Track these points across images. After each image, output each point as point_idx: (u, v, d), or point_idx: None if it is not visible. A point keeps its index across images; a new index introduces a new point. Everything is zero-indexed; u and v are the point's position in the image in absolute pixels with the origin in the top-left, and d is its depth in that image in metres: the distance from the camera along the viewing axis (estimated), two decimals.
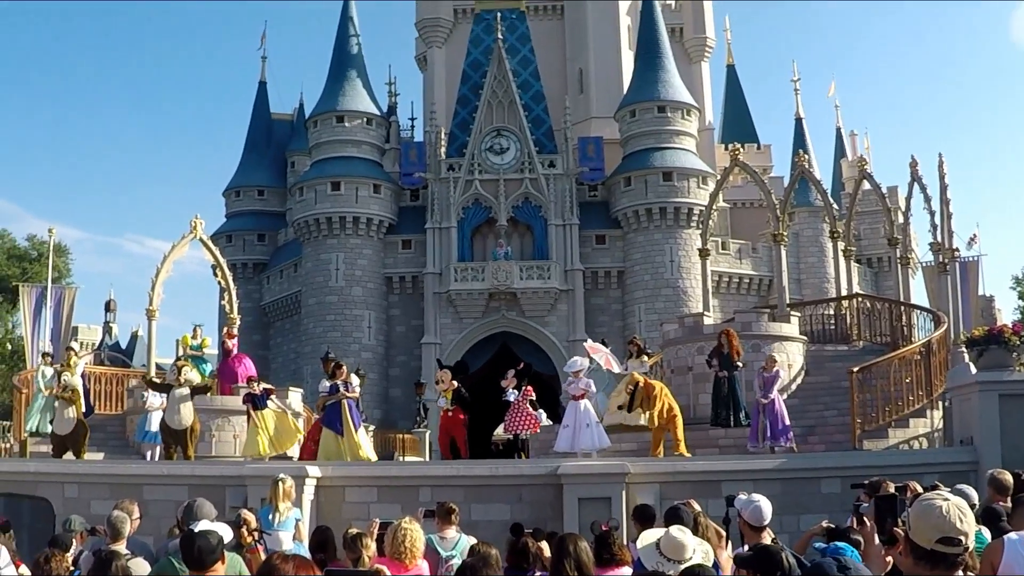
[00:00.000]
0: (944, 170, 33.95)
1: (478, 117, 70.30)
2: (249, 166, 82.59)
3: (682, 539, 8.50)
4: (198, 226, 36.37)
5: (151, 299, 35.44)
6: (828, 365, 31.95)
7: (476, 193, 69.18)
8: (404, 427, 55.11)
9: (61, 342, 41.60)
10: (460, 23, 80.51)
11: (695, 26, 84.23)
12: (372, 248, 70.46)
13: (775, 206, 36.42)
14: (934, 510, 5.53)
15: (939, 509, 5.52)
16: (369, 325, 69.46)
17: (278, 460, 25.88)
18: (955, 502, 5.58)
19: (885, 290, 64.70)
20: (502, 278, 66.97)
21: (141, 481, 22.48)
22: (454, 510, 13.50)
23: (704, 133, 77.56)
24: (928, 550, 5.51)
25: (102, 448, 31.21)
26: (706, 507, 12.77)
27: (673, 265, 68.38)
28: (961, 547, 5.50)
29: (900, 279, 38.60)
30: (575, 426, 24.13)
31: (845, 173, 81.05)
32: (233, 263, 64.29)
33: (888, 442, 25.62)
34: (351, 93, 72.15)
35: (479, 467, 23.30)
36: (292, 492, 16.63)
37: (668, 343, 32.68)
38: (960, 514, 5.52)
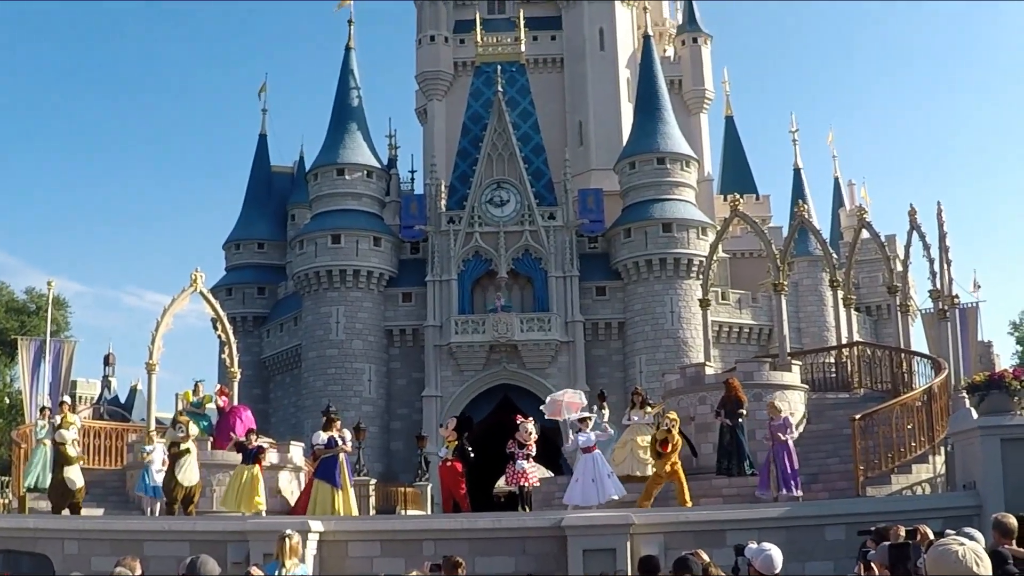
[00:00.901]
0: (943, 218, 34.00)
1: (478, 169, 70.38)
2: (249, 219, 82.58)
3: None
4: (198, 279, 36.35)
5: (151, 352, 35.36)
6: (830, 413, 31.91)
7: (476, 245, 69.21)
8: (405, 480, 54.88)
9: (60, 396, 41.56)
10: (460, 76, 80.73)
11: (694, 78, 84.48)
12: (372, 301, 70.44)
13: (775, 256, 36.49)
14: (951, 555, 5.53)
15: (956, 554, 5.52)
16: (370, 378, 69.34)
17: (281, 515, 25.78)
18: (971, 547, 5.59)
19: (885, 338, 64.65)
20: (503, 330, 66.93)
21: (142, 537, 22.38)
22: (460, 563, 13.47)
23: (703, 184, 77.74)
24: None
25: (102, 503, 31.10)
26: (711, 557, 12.72)
27: (674, 316, 68.37)
28: None
29: (900, 326, 38.61)
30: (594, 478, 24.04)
31: (844, 222, 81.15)
32: (233, 316, 64.24)
33: (891, 488, 25.61)
34: (351, 145, 72.28)
35: (483, 520, 23.23)
36: (299, 548, 16.59)
37: (670, 393, 32.60)
38: (976, 558, 5.52)
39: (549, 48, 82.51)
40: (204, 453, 30.21)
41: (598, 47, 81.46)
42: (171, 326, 36.18)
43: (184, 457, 27.21)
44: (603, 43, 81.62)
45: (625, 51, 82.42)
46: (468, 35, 78.90)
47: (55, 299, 60.32)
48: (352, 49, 76.68)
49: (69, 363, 45.20)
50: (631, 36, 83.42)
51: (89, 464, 31.56)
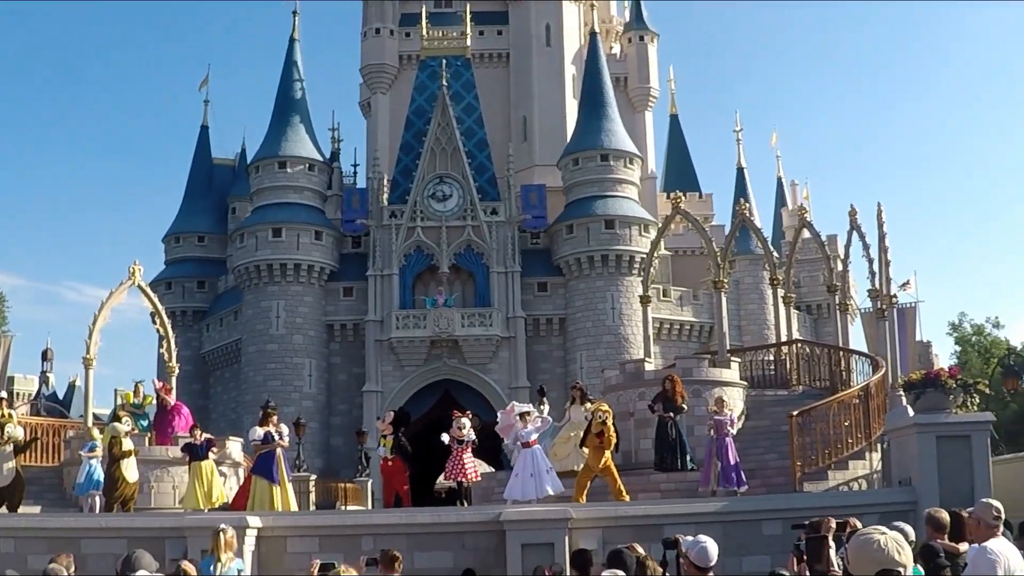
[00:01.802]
0: (882, 218, 34.14)
1: (421, 164, 70.27)
2: (190, 212, 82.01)
3: None
4: (136, 273, 36.12)
5: (88, 347, 35.14)
6: (768, 410, 32.10)
7: (418, 240, 69.17)
8: (346, 476, 54.73)
9: None
10: (405, 69, 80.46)
11: (639, 76, 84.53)
12: (313, 295, 70.28)
13: (716, 254, 36.65)
14: (872, 543, 5.58)
15: (878, 543, 5.57)
16: (310, 373, 69.19)
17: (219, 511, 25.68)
18: (892, 535, 5.63)
19: (824, 336, 65.07)
20: (444, 325, 66.93)
21: (79, 535, 22.17)
22: (397, 558, 13.48)
23: (646, 182, 77.99)
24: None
25: (38, 501, 30.80)
26: (649, 551, 12.78)
27: (615, 312, 68.56)
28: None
29: (839, 325, 38.81)
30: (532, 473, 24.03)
31: (785, 222, 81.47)
32: (172, 310, 64.20)
33: (828, 484, 25.77)
34: (294, 138, 72.04)
35: (421, 515, 23.19)
36: (234, 542, 16.54)
37: (609, 389, 32.68)
38: (898, 547, 5.57)
39: (495, 43, 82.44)
40: (144, 450, 30.10)
41: (544, 43, 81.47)
42: (109, 320, 35.96)
43: (127, 456, 27.14)
44: (549, 39, 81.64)
45: (571, 48, 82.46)
46: (414, 29, 78.65)
47: None
48: (296, 41, 76.47)
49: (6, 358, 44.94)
50: (577, 33, 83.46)
51: (26, 461, 31.23)
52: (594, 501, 24.15)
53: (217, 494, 27.19)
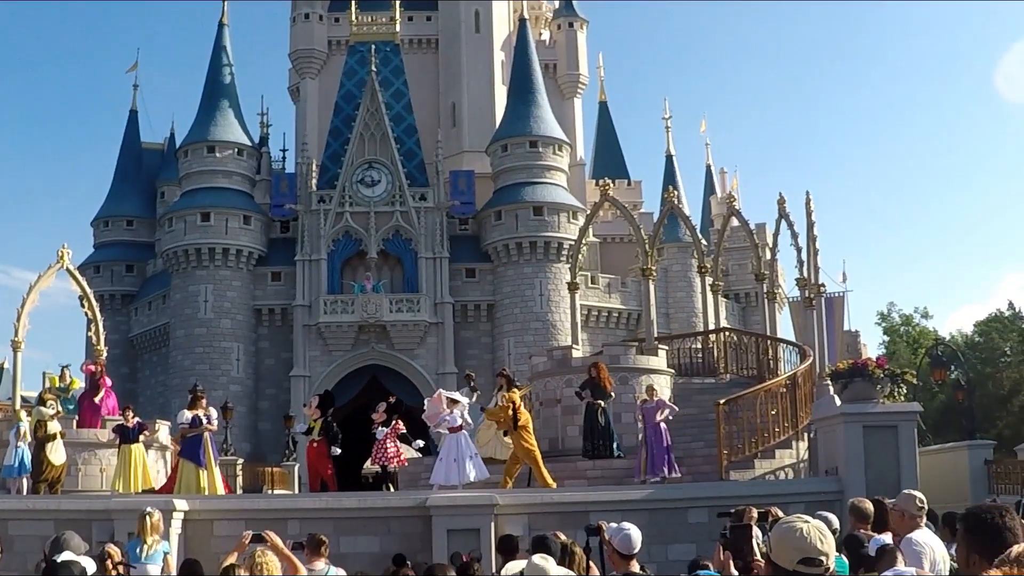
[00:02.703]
0: (811, 207, 34.40)
1: (350, 149, 70.12)
2: (118, 195, 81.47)
3: (545, 567, 8.51)
4: (65, 256, 35.92)
5: (16, 330, 34.93)
6: (695, 398, 32.22)
7: (347, 225, 69.03)
8: (273, 460, 54.74)
9: None
10: (334, 55, 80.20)
11: (568, 62, 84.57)
12: (241, 280, 70.04)
13: (644, 241, 36.81)
14: (794, 532, 5.63)
15: (800, 531, 5.62)
16: (238, 358, 68.97)
17: (146, 494, 25.62)
18: (815, 524, 5.69)
19: (752, 324, 65.35)
20: (372, 311, 66.84)
21: (5, 516, 22.20)
22: (324, 542, 13.47)
23: (575, 168, 78.00)
24: (790, 571, 5.60)
25: None
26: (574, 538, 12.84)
27: (543, 299, 68.68)
28: (823, 567, 5.60)
29: (767, 314, 39.13)
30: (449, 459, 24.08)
31: (714, 210, 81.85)
32: (101, 294, 63.70)
33: (755, 472, 25.96)
34: (223, 123, 71.70)
35: (348, 499, 23.29)
36: (160, 525, 16.52)
37: (537, 376, 32.78)
38: (820, 536, 5.62)
39: (424, 29, 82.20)
40: (71, 433, 29.97)
41: (474, 29, 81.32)
42: (37, 303, 35.76)
43: (52, 440, 27.08)
44: (479, 25, 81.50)
45: (501, 34, 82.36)
46: (343, 14, 78.42)
47: None
48: (225, 25, 76.03)
49: None
50: (507, 19, 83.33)
51: None
52: (520, 488, 24.26)
53: (146, 479, 27.14)
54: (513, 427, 24.44)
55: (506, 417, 24.49)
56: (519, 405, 24.82)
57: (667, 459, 25.22)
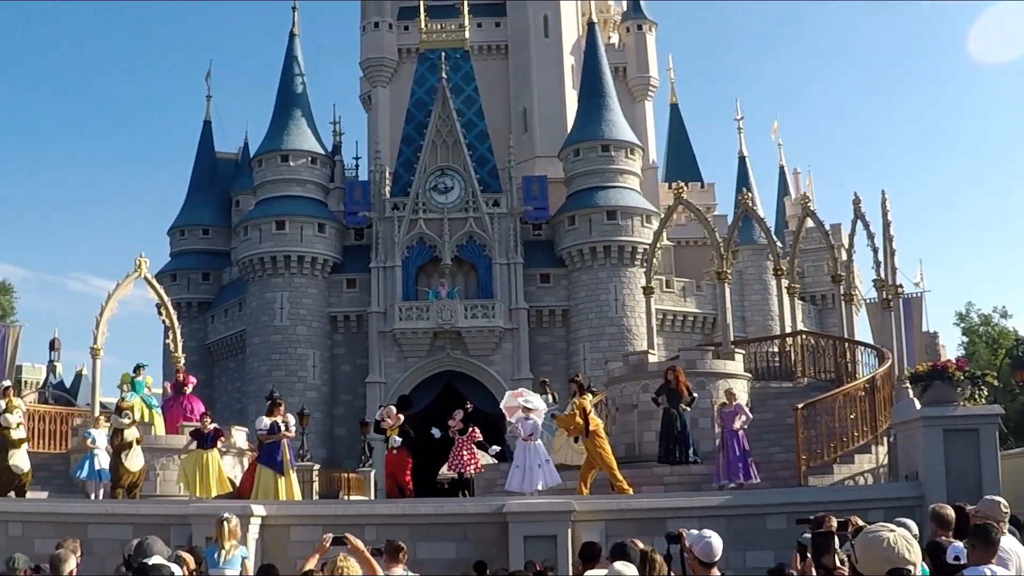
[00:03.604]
0: (887, 207, 34.02)
1: (422, 156, 70.28)
2: (194, 205, 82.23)
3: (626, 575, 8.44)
4: (142, 265, 36.23)
5: (95, 337, 35.24)
6: (773, 402, 31.96)
7: (420, 232, 69.15)
8: (349, 466, 54.80)
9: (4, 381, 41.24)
10: (404, 62, 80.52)
11: (639, 66, 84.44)
12: (316, 287, 70.33)
13: (719, 244, 36.55)
14: (881, 542, 5.54)
15: (886, 540, 5.53)
16: (314, 364, 69.26)
17: (223, 499, 25.74)
18: (901, 533, 5.60)
19: (829, 327, 64.99)
20: (447, 317, 66.93)
21: (85, 520, 22.39)
22: (402, 548, 13.43)
23: (648, 172, 77.80)
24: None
25: (46, 487, 31.01)
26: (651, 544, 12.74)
27: (617, 303, 68.51)
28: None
29: (844, 316, 38.72)
30: (526, 466, 24.04)
31: (788, 211, 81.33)
32: (178, 302, 64.17)
33: (833, 478, 25.67)
34: (296, 132, 72.09)
35: (425, 505, 23.24)
36: (238, 531, 16.57)
37: (613, 381, 32.66)
38: (907, 545, 5.54)
39: (493, 35, 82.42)
40: (148, 438, 30.18)
41: (542, 34, 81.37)
42: (116, 311, 36.08)
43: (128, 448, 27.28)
44: (547, 30, 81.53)
45: (569, 38, 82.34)
46: (412, 22, 78.64)
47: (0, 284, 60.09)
48: (296, 35, 76.49)
49: (14, 348, 44.78)
50: (576, 23, 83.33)
51: (34, 448, 31.39)
52: (598, 494, 24.15)
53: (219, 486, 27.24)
54: (584, 434, 24.35)
55: (576, 424, 24.41)
56: (590, 411, 24.72)
57: (743, 465, 24.98)
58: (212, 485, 27.08)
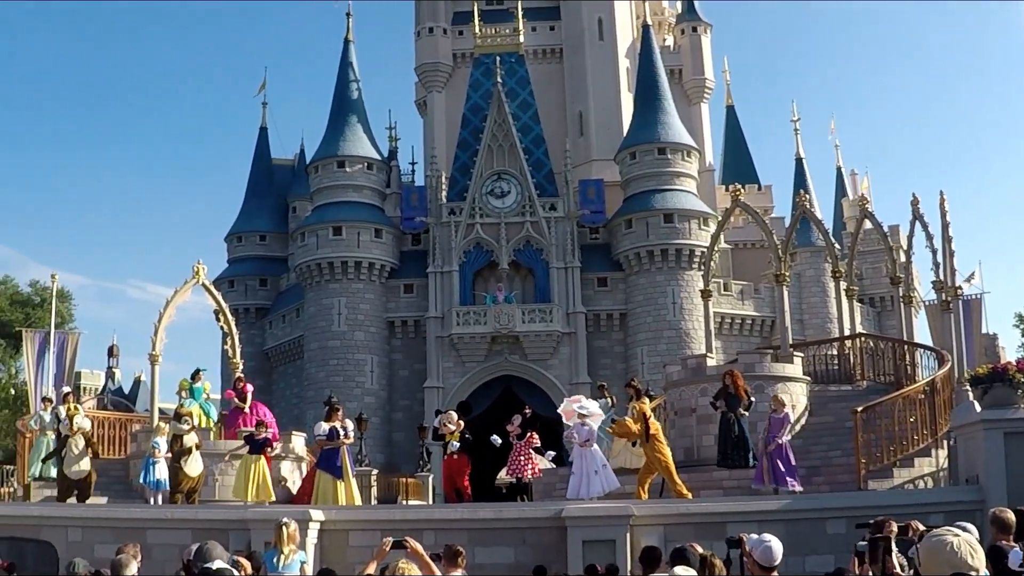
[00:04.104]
0: (945, 208, 33.78)
1: (479, 161, 70.41)
2: (251, 211, 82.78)
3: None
4: (200, 271, 36.32)
5: (154, 344, 35.35)
6: (832, 405, 31.73)
7: (477, 237, 69.29)
8: (407, 471, 54.95)
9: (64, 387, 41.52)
10: (459, 67, 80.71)
11: (694, 68, 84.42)
12: (374, 292, 70.53)
13: (777, 247, 36.34)
14: (945, 546, 5.50)
15: (950, 545, 5.49)
16: (372, 369, 69.45)
17: (281, 504, 25.85)
18: (965, 538, 5.55)
19: (888, 329, 64.63)
20: (504, 321, 66.96)
21: (145, 525, 22.53)
22: (461, 553, 13.41)
23: (704, 174, 77.65)
24: None
25: (105, 492, 31.17)
26: (710, 549, 12.69)
27: (675, 307, 68.38)
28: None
29: (903, 318, 38.45)
30: (583, 473, 24.01)
31: (846, 212, 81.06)
32: (235, 308, 64.39)
33: (893, 482, 25.48)
34: (352, 138, 72.34)
35: (483, 510, 23.23)
36: (297, 535, 16.60)
37: (671, 385, 32.53)
38: (971, 550, 5.49)
39: (548, 39, 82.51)
40: (207, 443, 30.31)
41: (597, 37, 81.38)
42: (174, 318, 36.15)
43: (187, 454, 27.44)
44: (602, 33, 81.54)
45: (624, 41, 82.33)
46: (467, 26, 78.96)
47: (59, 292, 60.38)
48: (351, 42, 76.81)
49: (73, 354, 45.08)
50: (630, 25, 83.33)
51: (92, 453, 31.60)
52: (656, 498, 24.10)
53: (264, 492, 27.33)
54: (645, 439, 24.28)
55: (633, 429, 24.34)
56: (649, 416, 24.66)
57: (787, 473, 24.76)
58: (253, 491, 27.18)
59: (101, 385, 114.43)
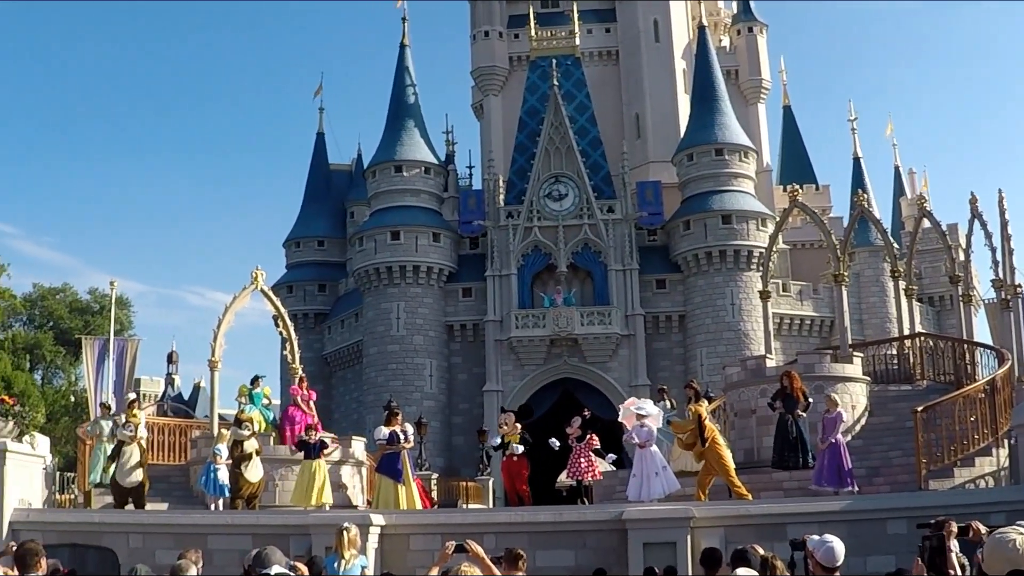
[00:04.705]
0: (1004, 205, 33.65)
1: (536, 164, 70.41)
2: (308, 217, 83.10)
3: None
4: (259, 277, 36.49)
5: (213, 350, 35.53)
6: (892, 405, 31.66)
7: (535, 240, 69.29)
8: (467, 475, 55.04)
9: (124, 394, 41.77)
10: (516, 70, 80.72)
11: (750, 68, 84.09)
12: (432, 296, 70.66)
13: (835, 246, 36.25)
14: (1006, 543, 5.51)
15: (1012, 542, 5.50)
16: (431, 373, 69.55)
17: (342, 508, 25.97)
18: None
19: (947, 328, 64.29)
20: (563, 324, 66.96)
21: (205, 531, 22.67)
22: (522, 556, 13.42)
23: (762, 175, 77.44)
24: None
25: (166, 498, 31.40)
26: (771, 550, 12.68)
27: (734, 308, 68.18)
28: None
29: (962, 317, 38.23)
30: (643, 474, 24.03)
31: (904, 212, 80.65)
32: (294, 313, 64.68)
33: (954, 481, 25.37)
34: (409, 142, 72.48)
35: (543, 513, 23.27)
36: (358, 540, 16.68)
37: (730, 386, 32.51)
38: None
39: (604, 41, 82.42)
40: (268, 449, 30.48)
41: (653, 39, 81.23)
42: (233, 324, 36.34)
43: (248, 459, 27.63)
44: (658, 34, 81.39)
45: (680, 42, 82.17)
46: (522, 30, 78.96)
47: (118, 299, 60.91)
48: (407, 46, 76.84)
49: (133, 361, 45.25)
50: (686, 27, 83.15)
51: (153, 460, 31.82)
52: (716, 500, 24.06)
53: (323, 496, 27.48)
54: (701, 442, 24.26)
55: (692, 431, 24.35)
56: (705, 418, 24.64)
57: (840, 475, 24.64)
58: (313, 495, 27.33)
59: (161, 391, 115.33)
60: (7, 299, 74.43)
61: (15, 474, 23.71)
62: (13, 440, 23.64)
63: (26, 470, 24.40)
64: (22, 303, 79.63)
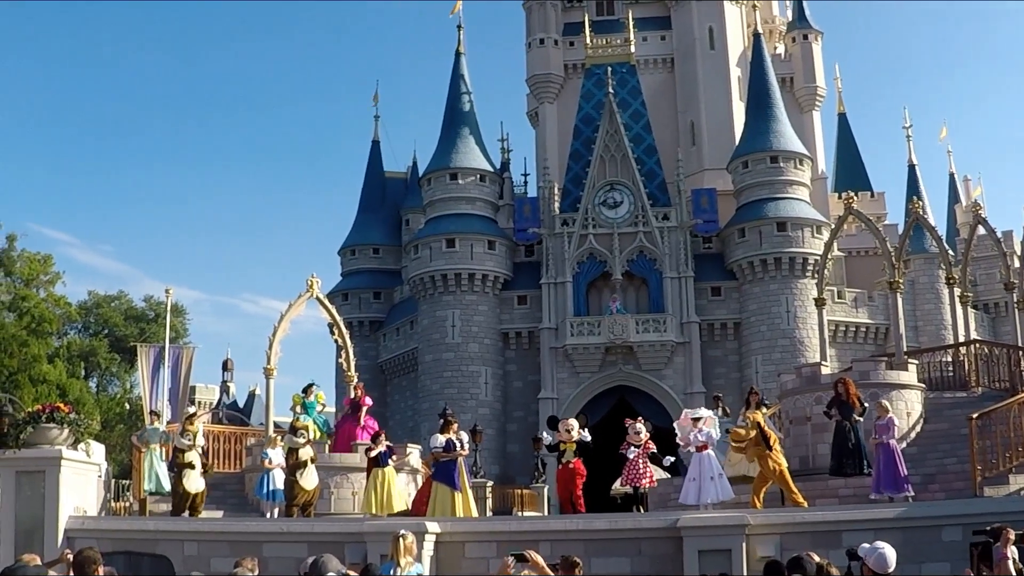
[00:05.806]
0: None
1: (591, 171, 70.48)
2: (364, 224, 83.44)
3: None
4: (314, 285, 36.73)
5: (268, 358, 35.79)
6: (947, 412, 31.57)
7: (590, 247, 69.35)
8: (522, 482, 54.97)
9: (179, 402, 42.08)
10: (571, 78, 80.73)
11: (805, 75, 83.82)
12: (488, 304, 70.78)
13: (890, 254, 36.21)
14: None
15: None
16: (486, 381, 69.63)
17: (397, 516, 26.07)
18: None
19: (1003, 335, 63.91)
20: (618, 332, 66.96)
21: (260, 539, 22.77)
22: (578, 563, 13.53)
23: (817, 182, 77.22)
24: None
25: (221, 506, 31.56)
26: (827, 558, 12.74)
27: (789, 315, 68.01)
28: None
29: (1018, 324, 38.12)
30: (701, 478, 24.10)
31: (959, 219, 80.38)
32: (349, 321, 64.82)
33: (1010, 488, 25.26)
34: (464, 150, 72.66)
35: (599, 521, 23.30)
36: (413, 548, 16.77)
37: (786, 394, 32.50)
38: None
39: (659, 48, 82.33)
40: (323, 457, 30.62)
41: (708, 46, 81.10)
42: (288, 331, 36.60)
43: (303, 467, 27.79)
44: (713, 42, 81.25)
45: (735, 49, 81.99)
46: (577, 37, 79.04)
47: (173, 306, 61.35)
48: (462, 54, 77.13)
49: (188, 369, 45.52)
50: (741, 34, 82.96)
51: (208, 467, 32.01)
52: (771, 507, 24.08)
53: (396, 502, 27.57)
54: (766, 447, 24.28)
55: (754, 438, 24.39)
56: (763, 424, 24.68)
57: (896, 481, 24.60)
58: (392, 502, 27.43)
59: (216, 399, 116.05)
60: (62, 307, 74.94)
61: (70, 481, 23.93)
62: (68, 448, 23.89)
63: (81, 478, 24.62)
64: (77, 311, 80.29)
